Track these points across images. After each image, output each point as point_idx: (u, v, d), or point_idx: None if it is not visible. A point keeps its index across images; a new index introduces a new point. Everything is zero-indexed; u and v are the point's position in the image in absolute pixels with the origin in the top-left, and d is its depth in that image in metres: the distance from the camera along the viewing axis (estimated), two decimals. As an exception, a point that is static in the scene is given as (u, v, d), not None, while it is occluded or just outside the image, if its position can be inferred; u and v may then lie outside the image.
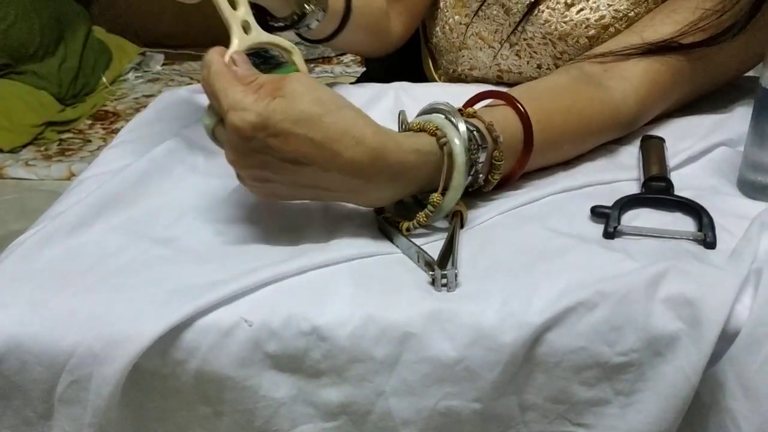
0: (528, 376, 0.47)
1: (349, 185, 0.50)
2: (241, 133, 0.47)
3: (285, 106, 0.47)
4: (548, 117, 0.60)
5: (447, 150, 0.52)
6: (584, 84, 0.65)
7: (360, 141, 0.48)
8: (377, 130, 0.50)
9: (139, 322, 0.46)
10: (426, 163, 0.52)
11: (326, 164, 0.48)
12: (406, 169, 0.51)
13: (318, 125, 0.47)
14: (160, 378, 0.48)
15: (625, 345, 0.45)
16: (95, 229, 0.56)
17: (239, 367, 0.47)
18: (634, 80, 0.65)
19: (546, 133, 0.59)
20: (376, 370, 0.47)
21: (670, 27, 0.66)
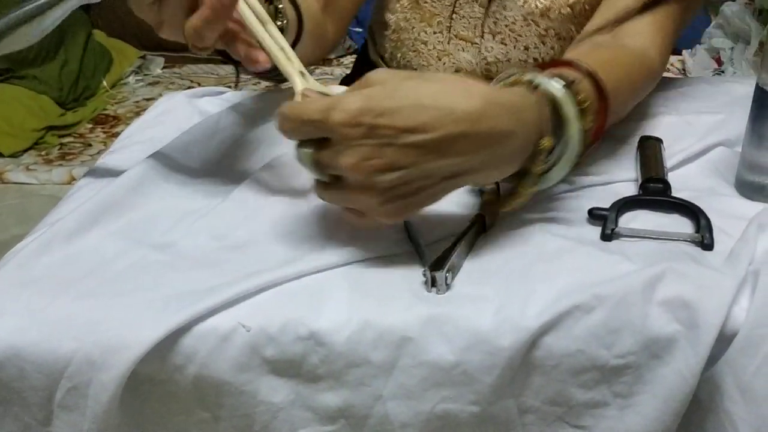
0: (526, 379, 0.47)
1: (476, 143, 0.46)
2: (349, 121, 0.44)
3: (379, 88, 0.46)
4: (607, 82, 0.57)
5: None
6: (610, 48, 0.67)
7: (469, 92, 0.47)
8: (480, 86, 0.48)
9: (137, 328, 0.46)
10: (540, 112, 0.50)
11: (440, 122, 0.45)
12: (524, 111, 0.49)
13: (416, 92, 0.45)
14: (158, 383, 0.48)
15: (623, 348, 0.45)
16: (93, 236, 0.56)
17: (237, 372, 0.47)
18: (647, 34, 0.68)
19: (612, 96, 0.57)
20: (373, 374, 0.47)
21: None
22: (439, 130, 0.45)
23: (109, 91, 2.56)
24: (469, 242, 0.53)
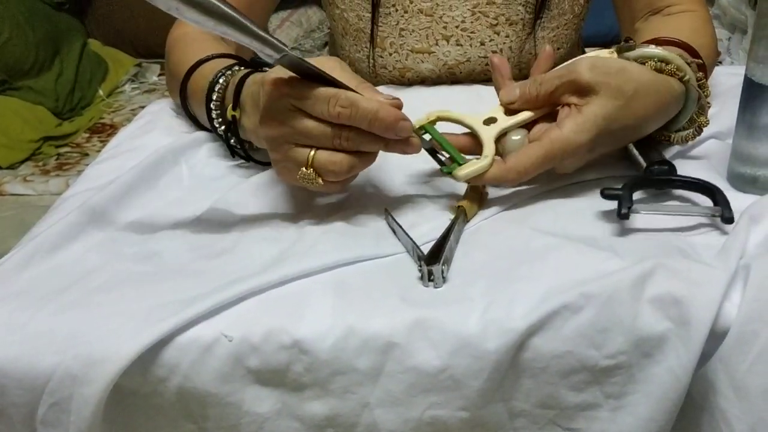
0: (515, 382, 0.46)
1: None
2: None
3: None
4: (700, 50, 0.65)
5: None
6: (685, 17, 0.77)
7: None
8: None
9: (118, 341, 0.45)
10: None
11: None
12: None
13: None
14: (142, 396, 0.47)
15: (613, 347, 0.44)
16: (75, 248, 0.55)
17: (221, 383, 0.46)
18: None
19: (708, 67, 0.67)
20: (359, 381, 0.46)
21: None
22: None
23: (106, 100, 2.56)
24: (456, 235, 0.52)
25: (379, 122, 0.49)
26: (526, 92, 0.57)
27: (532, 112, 0.58)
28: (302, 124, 0.50)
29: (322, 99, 0.49)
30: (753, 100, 0.57)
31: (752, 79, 0.57)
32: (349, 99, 0.49)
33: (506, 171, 0.54)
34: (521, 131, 0.57)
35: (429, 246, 0.51)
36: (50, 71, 2.41)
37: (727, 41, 1.97)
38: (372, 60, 0.85)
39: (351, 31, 0.85)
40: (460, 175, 0.54)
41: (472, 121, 0.58)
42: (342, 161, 0.51)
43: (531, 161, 0.54)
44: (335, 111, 0.48)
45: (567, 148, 0.54)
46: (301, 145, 0.51)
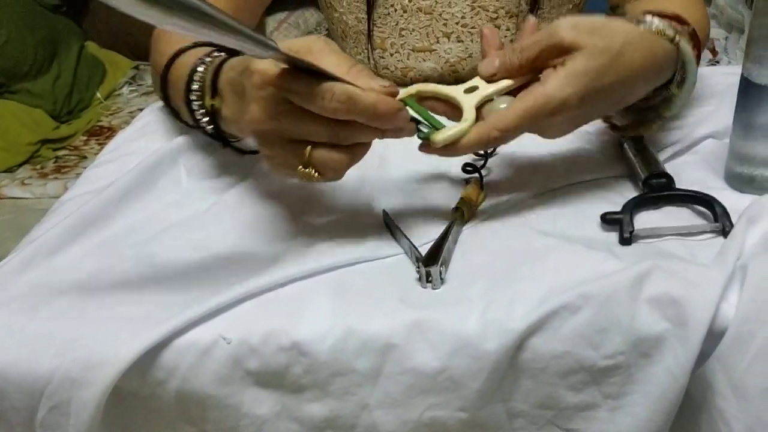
0: (514, 383, 0.46)
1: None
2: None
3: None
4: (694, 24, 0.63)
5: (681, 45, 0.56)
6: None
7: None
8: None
9: (117, 344, 0.45)
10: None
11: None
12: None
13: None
14: (141, 399, 0.47)
15: (611, 347, 0.45)
16: (74, 251, 0.55)
17: (220, 386, 0.46)
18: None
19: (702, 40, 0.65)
20: (358, 383, 0.46)
21: None
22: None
23: (104, 103, 2.56)
24: (454, 236, 0.53)
25: (378, 116, 0.47)
26: (506, 62, 0.54)
27: (513, 81, 0.54)
28: (296, 121, 0.47)
29: (317, 94, 0.46)
30: (750, 99, 0.57)
31: (749, 78, 0.57)
32: (346, 93, 0.46)
33: (487, 130, 0.50)
34: (507, 98, 0.54)
35: (427, 247, 0.51)
36: (48, 74, 2.41)
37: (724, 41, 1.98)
38: (373, 61, 0.85)
39: (351, 33, 0.85)
40: (438, 140, 0.50)
41: (452, 91, 0.54)
42: (341, 158, 0.48)
43: (512, 117, 0.50)
44: (332, 107, 0.46)
45: (551, 103, 0.50)
46: (295, 141, 0.48)
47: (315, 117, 0.47)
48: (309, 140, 0.48)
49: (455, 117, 0.53)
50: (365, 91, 0.46)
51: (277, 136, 0.49)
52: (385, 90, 0.47)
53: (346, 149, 0.49)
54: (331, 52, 0.48)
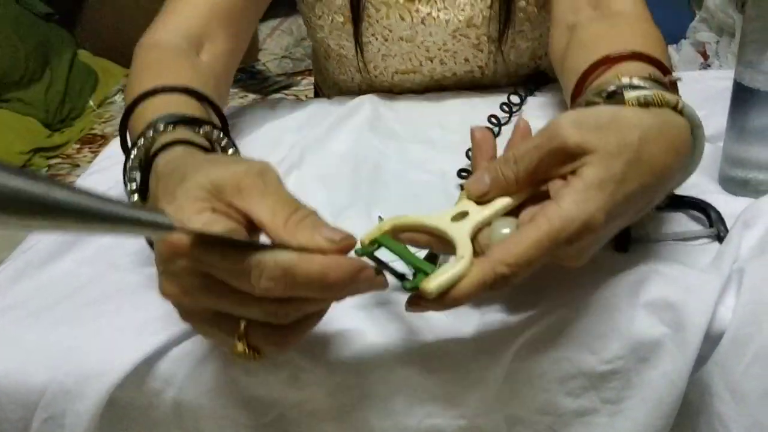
0: (512, 389, 0.46)
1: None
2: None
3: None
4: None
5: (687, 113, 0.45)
6: (626, 23, 0.64)
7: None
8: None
9: (111, 355, 0.45)
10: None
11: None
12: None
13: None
14: (138, 409, 0.47)
15: (610, 353, 0.44)
16: (67, 260, 0.55)
17: (216, 396, 0.46)
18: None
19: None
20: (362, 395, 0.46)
21: None
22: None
23: (96, 111, 2.55)
24: None
25: (328, 286, 0.35)
26: (499, 177, 0.43)
27: (510, 199, 0.43)
28: (220, 299, 0.37)
29: (241, 271, 0.35)
30: (742, 103, 0.58)
31: (741, 83, 0.57)
32: (280, 267, 0.34)
33: (492, 267, 0.38)
34: (508, 220, 0.43)
35: (423, 253, 0.51)
36: (40, 82, 2.41)
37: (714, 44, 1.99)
38: (358, 82, 0.85)
39: (333, 55, 0.85)
40: (431, 289, 0.37)
41: (437, 222, 0.43)
42: (283, 336, 0.38)
43: (524, 249, 0.38)
44: (263, 286, 0.35)
45: (571, 226, 0.39)
46: (224, 314, 0.38)
47: (244, 295, 0.36)
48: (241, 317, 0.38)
49: (445, 250, 0.43)
50: (309, 253, 0.35)
51: (200, 312, 0.39)
52: (337, 245, 0.36)
53: (292, 324, 0.38)
54: (265, 194, 0.37)
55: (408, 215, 0.44)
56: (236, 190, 0.37)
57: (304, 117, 0.78)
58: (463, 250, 0.40)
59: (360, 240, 0.42)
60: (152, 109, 0.52)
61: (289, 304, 0.36)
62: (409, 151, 0.70)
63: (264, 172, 0.39)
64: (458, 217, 0.43)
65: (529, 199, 0.43)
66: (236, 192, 0.37)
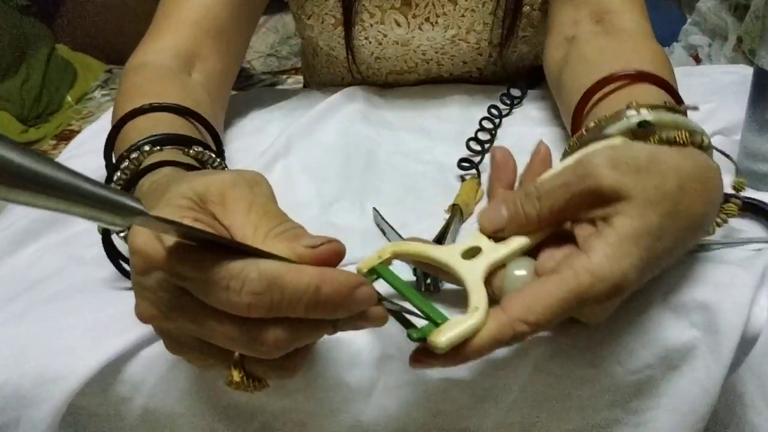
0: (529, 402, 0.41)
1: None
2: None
3: None
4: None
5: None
6: (633, 40, 0.59)
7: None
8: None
9: (74, 356, 0.40)
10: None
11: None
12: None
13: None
14: (101, 418, 0.41)
15: (638, 362, 0.40)
16: (28, 253, 0.50)
17: (192, 403, 0.41)
18: (627, 8, 0.62)
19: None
20: (350, 397, 0.41)
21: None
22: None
23: (74, 107, 2.48)
24: (452, 236, 0.48)
25: (323, 303, 0.30)
26: (519, 214, 0.38)
27: (529, 238, 0.38)
28: (202, 321, 0.31)
29: (219, 282, 0.29)
30: (765, 91, 0.54)
31: (764, 68, 0.53)
32: (266, 277, 0.29)
33: (512, 323, 0.34)
34: (525, 262, 0.38)
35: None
36: (16, 77, 2.33)
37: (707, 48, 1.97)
38: (349, 82, 0.78)
39: (322, 55, 0.80)
40: (441, 343, 0.33)
41: (446, 257, 0.38)
42: (289, 360, 0.33)
43: (548, 306, 0.34)
44: (245, 301, 0.29)
45: (601, 285, 0.34)
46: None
47: (222, 316, 0.31)
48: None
49: (449, 281, 0.40)
50: (296, 264, 0.30)
51: (186, 338, 0.33)
52: (318, 252, 0.31)
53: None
54: (252, 207, 0.33)
55: (411, 243, 0.39)
56: (220, 201, 0.33)
57: (290, 106, 0.73)
58: (478, 299, 0.35)
59: (356, 268, 0.38)
60: (138, 130, 0.48)
61: (276, 326, 0.31)
62: (404, 140, 0.65)
63: (255, 183, 0.34)
64: (470, 254, 0.38)
65: (547, 242, 0.39)
66: (220, 203, 0.33)
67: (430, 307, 0.35)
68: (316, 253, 0.31)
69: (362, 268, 0.38)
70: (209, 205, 0.32)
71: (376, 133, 0.65)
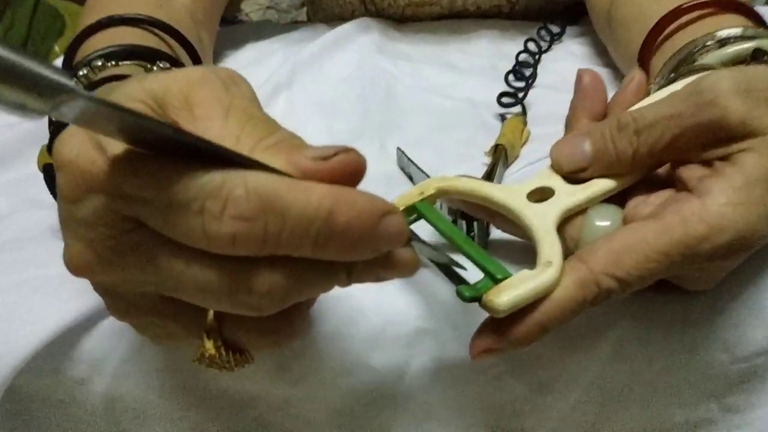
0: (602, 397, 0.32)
1: None
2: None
3: None
4: None
5: None
6: None
7: None
8: None
9: (18, 326, 0.31)
10: None
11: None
12: None
13: None
14: (52, 406, 0.33)
15: (748, 347, 0.31)
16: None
17: (170, 391, 0.32)
18: None
19: None
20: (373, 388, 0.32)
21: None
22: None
23: (62, 57, 2.37)
24: (497, 183, 0.39)
25: (338, 235, 0.21)
26: (608, 149, 0.30)
27: (616, 181, 0.30)
28: (156, 270, 0.22)
29: (190, 203, 0.21)
30: None
31: None
32: (258, 195, 0.20)
33: (596, 278, 0.27)
34: (609, 210, 0.30)
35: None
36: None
37: None
38: (361, 14, 0.67)
39: None
40: (502, 303, 0.26)
41: (507, 197, 0.30)
42: (273, 332, 0.24)
43: (644, 258, 0.27)
44: (227, 230, 0.21)
45: (720, 237, 0.27)
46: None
47: (194, 256, 0.22)
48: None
49: (513, 232, 0.32)
50: (298, 180, 0.21)
51: (135, 294, 0.24)
52: (343, 160, 0.21)
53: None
54: (229, 111, 0.23)
55: (461, 177, 0.31)
56: (184, 104, 0.23)
57: (294, 37, 0.63)
58: (550, 250, 0.28)
59: (391, 203, 0.29)
60: (95, 47, 0.38)
61: (272, 269, 0.22)
62: (426, 74, 0.55)
63: (232, 81, 0.24)
64: (538, 196, 0.31)
65: (634, 188, 0.31)
66: (185, 107, 0.23)
67: (489, 260, 0.27)
68: (327, 167, 0.21)
69: (398, 203, 0.30)
70: (170, 110, 0.23)
71: (394, 66, 0.55)
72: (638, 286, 0.27)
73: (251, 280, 0.22)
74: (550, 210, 0.30)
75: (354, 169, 0.22)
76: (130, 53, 0.37)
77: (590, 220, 0.30)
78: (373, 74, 0.53)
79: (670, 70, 0.37)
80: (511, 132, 0.43)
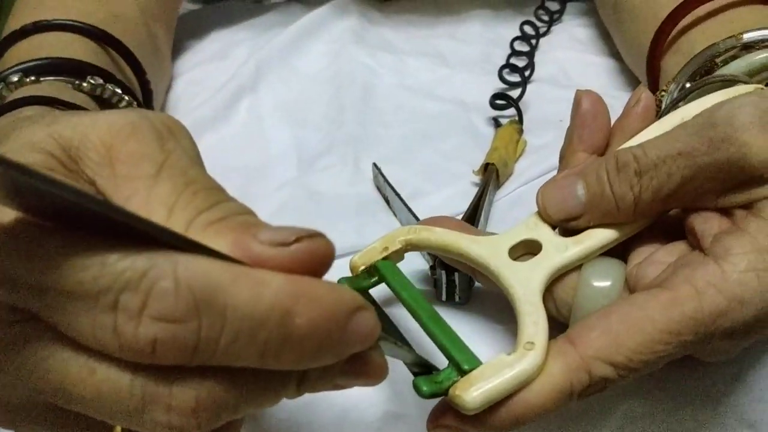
0: None
1: None
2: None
3: None
4: None
5: None
6: None
7: None
8: None
9: None
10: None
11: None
12: None
13: None
14: None
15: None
16: None
17: None
18: None
19: None
20: None
21: None
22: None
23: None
24: (486, 210, 0.34)
25: (296, 342, 0.17)
26: (606, 196, 0.25)
27: (616, 231, 0.26)
28: (51, 377, 0.17)
29: (99, 295, 0.16)
30: None
31: None
32: (191, 286, 0.16)
33: (587, 365, 0.22)
34: (609, 266, 0.25)
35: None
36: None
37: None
38: None
39: None
40: (470, 401, 0.21)
41: (486, 254, 0.26)
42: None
43: (648, 340, 0.22)
44: (146, 333, 0.16)
45: (742, 313, 0.22)
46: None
47: (102, 360, 0.17)
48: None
49: (488, 286, 0.27)
50: (247, 266, 0.17)
51: (24, 401, 0.19)
52: (308, 248, 0.17)
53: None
54: (161, 171, 0.18)
55: (433, 229, 0.26)
56: (104, 158, 0.18)
57: (264, 23, 0.57)
58: (533, 327, 0.23)
59: (350, 263, 0.26)
60: (19, 58, 0.34)
61: (196, 388, 0.17)
62: (411, 68, 0.50)
63: (169, 132, 0.19)
64: (522, 250, 0.26)
65: (639, 239, 0.26)
66: (104, 162, 0.18)
67: (455, 342, 0.23)
68: (286, 256, 0.17)
69: (358, 263, 0.26)
70: (85, 165, 0.19)
71: (374, 60, 0.49)
72: (641, 373, 0.22)
73: (173, 393, 0.17)
74: (535, 271, 0.25)
75: (320, 260, 0.17)
76: (54, 67, 0.32)
77: (586, 280, 0.25)
78: (350, 70, 0.47)
79: (687, 78, 0.32)
80: (504, 146, 0.37)
